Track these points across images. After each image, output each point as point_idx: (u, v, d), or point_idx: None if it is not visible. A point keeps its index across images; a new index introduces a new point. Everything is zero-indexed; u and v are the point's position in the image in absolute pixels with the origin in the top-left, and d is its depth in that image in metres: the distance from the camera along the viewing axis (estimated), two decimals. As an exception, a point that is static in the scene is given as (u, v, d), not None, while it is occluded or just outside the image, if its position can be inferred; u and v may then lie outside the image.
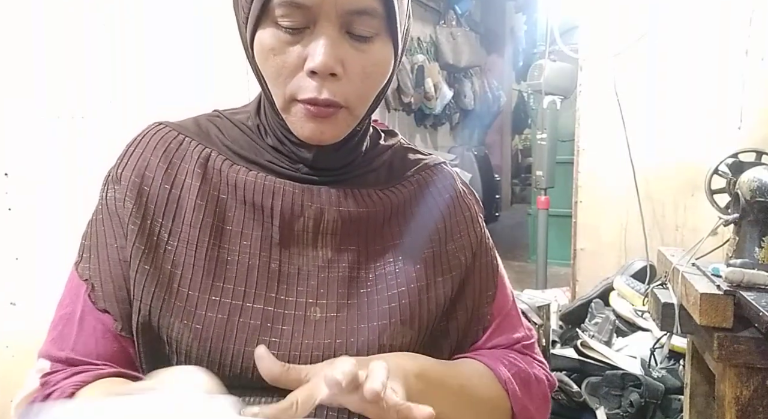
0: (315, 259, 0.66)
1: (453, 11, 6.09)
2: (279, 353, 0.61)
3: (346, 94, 0.61)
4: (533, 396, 0.70)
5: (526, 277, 4.48)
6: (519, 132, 8.41)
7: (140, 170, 0.66)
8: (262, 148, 0.68)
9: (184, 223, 0.65)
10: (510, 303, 0.75)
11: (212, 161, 0.67)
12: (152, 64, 2.13)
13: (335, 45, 0.59)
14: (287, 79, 0.61)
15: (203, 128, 0.70)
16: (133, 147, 0.68)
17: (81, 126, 2.05)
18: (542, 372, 0.73)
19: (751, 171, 1.36)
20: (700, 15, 2.58)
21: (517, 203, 8.10)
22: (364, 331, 0.64)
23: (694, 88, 2.60)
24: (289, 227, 0.65)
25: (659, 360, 2.07)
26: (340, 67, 0.60)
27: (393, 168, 0.73)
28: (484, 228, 0.77)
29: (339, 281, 0.65)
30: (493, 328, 0.73)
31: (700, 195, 1.74)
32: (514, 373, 0.69)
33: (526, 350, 0.75)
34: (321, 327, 0.63)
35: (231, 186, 0.66)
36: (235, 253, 0.64)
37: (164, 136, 0.68)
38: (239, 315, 0.62)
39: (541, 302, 1.83)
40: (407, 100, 5.20)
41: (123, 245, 0.64)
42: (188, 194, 0.65)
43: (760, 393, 1.23)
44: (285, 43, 0.60)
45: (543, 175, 3.55)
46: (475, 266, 0.73)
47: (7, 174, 1.84)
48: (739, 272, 1.25)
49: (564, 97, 3.50)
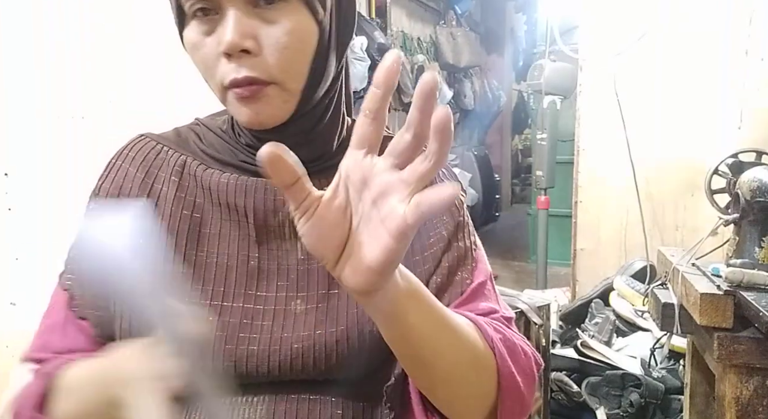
0: (294, 253, 0.65)
1: (453, 11, 6.10)
2: (258, 348, 0.61)
3: (266, 68, 0.59)
4: (520, 367, 0.63)
5: (526, 277, 4.48)
6: (519, 132, 8.41)
7: (119, 182, 0.68)
8: (236, 149, 0.68)
9: (161, 230, 0.65)
10: (488, 277, 0.72)
11: (188, 167, 0.68)
12: (152, 64, 2.13)
13: (242, 21, 0.58)
14: (213, 70, 0.61)
15: (183, 136, 0.71)
16: (114, 160, 0.70)
17: (81, 126, 2.05)
18: (529, 348, 0.68)
19: (751, 171, 1.36)
20: (700, 15, 2.58)
21: (517, 203, 8.10)
22: (343, 320, 0.63)
23: (694, 88, 2.60)
24: (264, 223, 0.65)
25: (659, 360, 2.07)
26: (251, 42, 0.58)
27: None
28: (464, 211, 0.74)
29: (319, 273, 0.65)
30: (470, 293, 0.69)
31: (700, 195, 1.74)
32: (501, 338, 0.63)
33: (507, 323, 0.69)
34: (301, 319, 0.63)
35: (206, 190, 0.66)
36: (213, 255, 0.65)
37: (143, 147, 0.70)
38: (218, 314, 0.62)
39: (541, 302, 1.83)
40: (407, 101, 5.20)
41: None
42: (164, 202, 0.67)
43: (760, 393, 1.23)
44: (203, 35, 0.60)
45: (543, 175, 3.56)
46: (454, 240, 0.71)
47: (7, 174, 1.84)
48: (739, 272, 1.25)
49: (564, 97, 3.51)
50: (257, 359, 0.61)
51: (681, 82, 2.63)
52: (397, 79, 0.42)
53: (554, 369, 2.04)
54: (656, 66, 2.68)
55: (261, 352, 0.61)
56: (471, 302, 0.69)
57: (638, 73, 2.70)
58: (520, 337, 0.69)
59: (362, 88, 4.25)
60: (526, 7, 6.25)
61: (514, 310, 1.74)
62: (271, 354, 0.61)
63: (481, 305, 0.69)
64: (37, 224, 1.75)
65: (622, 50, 2.69)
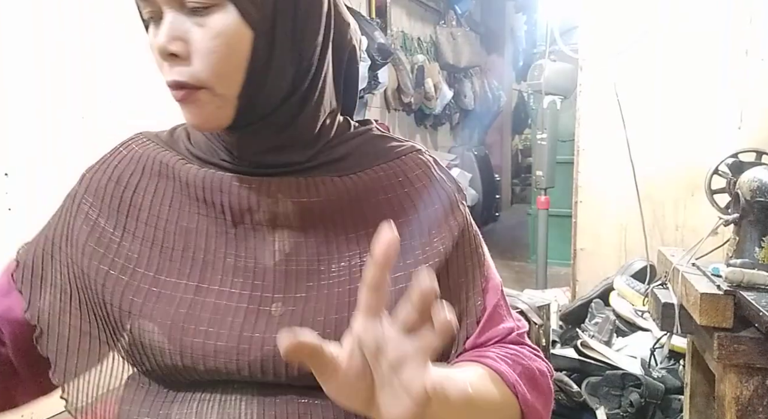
0: (272, 253, 0.64)
1: (453, 11, 6.10)
2: (227, 345, 0.61)
3: (194, 73, 0.59)
4: (540, 393, 0.68)
5: (526, 277, 4.48)
6: (519, 132, 8.41)
7: (102, 172, 0.70)
8: (218, 148, 0.67)
9: (139, 221, 0.66)
10: (499, 293, 0.73)
11: (169, 162, 0.68)
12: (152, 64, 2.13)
13: (174, 25, 0.58)
14: (162, 71, 0.62)
15: (175, 136, 0.72)
16: (108, 154, 0.72)
17: (81, 126, 2.05)
18: (542, 363, 0.71)
19: (751, 171, 1.36)
20: (700, 15, 2.58)
21: (517, 203, 8.11)
22: (320, 325, 0.61)
23: (694, 88, 2.60)
24: (242, 221, 0.65)
25: (659, 360, 2.07)
26: (179, 45, 0.59)
27: (363, 156, 0.70)
28: (466, 216, 0.72)
29: (297, 275, 0.64)
30: (486, 319, 0.70)
31: (700, 195, 1.74)
32: (520, 373, 0.66)
33: (520, 339, 0.72)
34: (275, 321, 0.62)
35: (183, 184, 0.66)
36: (190, 249, 0.65)
37: (135, 144, 0.71)
38: (188, 308, 0.62)
39: (541, 303, 1.83)
40: (407, 100, 5.20)
41: (64, 236, 0.68)
42: (142, 193, 0.67)
43: (760, 393, 1.23)
44: (154, 37, 0.61)
45: (543, 175, 3.56)
46: (458, 256, 0.70)
47: (7, 174, 1.84)
48: (739, 272, 1.25)
49: (564, 97, 3.51)
50: (225, 356, 0.61)
51: (681, 82, 2.63)
52: (395, 255, 0.45)
53: (554, 369, 2.04)
54: (656, 66, 2.68)
55: (229, 349, 0.61)
56: (489, 329, 0.70)
57: (638, 73, 2.70)
58: (532, 352, 0.72)
59: (362, 88, 4.27)
60: (526, 7, 6.26)
61: (515, 310, 1.74)
62: (240, 352, 0.60)
63: (499, 328, 0.71)
64: (37, 224, 1.75)
65: (622, 50, 2.69)
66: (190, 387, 0.64)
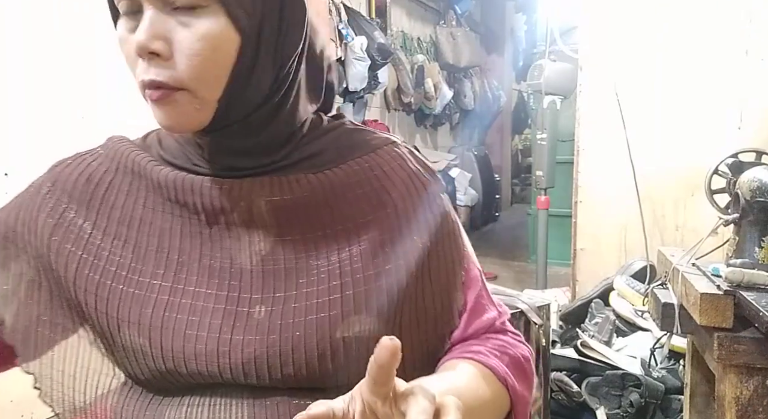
0: (249, 254, 0.63)
1: (453, 11, 6.11)
2: (206, 348, 0.60)
3: (174, 74, 0.57)
4: (525, 379, 0.69)
5: (526, 277, 4.48)
6: (519, 132, 8.41)
7: (73, 168, 0.69)
8: (190, 153, 0.66)
9: (111, 219, 0.65)
10: (480, 283, 0.72)
11: (141, 162, 0.67)
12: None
13: (157, 23, 0.56)
14: (134, 68, 0.59)
15: (148, 141, 0.71)
16: (84, 151, 0.71)
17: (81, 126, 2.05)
18: (525, 348, 0.72)
19: (751, 171, 1.36)
20: (700, 15, 2.58)
21: (517, 203, 8.10)
22: (300, 325, 0.60)
23: (694, 88, 2.60)
24: (216, 222, 0.64)
25: (659, 360, 2.07)
26: (162, 45, 0.56)
27: (337, 151, 0.68)
28: (445, 207, 0.71)
29: (275, 275, 0.62)
30: (471, 312, 0.70)
31: (700, 195, 1.74)
32: (508, 363, 0.67)
33: (503, 327, 0.73)
34: (254, 323, 0.61)
35: (155, 185, 0.65)
36: (164, 250, 0.63)
37: (111, 143, 0.71)
38: (164, 309, 0.61)
39: (541, 303, 1.83)
40: (407, 100, 5.20)
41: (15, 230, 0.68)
42: (116, 191, 0.66)
43: (760, 393, 1.23)
44: (128, 31, 0.59)
45: (543, 175, 3.56)
46: (438, 249, 0.69)
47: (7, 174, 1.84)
48: (739, 272, 1.25)
49: (564, 97, 3.51)
50: (206, 358, 0.60)
51: (681, 82, 2.63)
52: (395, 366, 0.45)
53: (554, 369, 2.04)
54: (656, 66, 2.68)
55: (209, 352, 0.60)
56: (474, 321, 0.71)
57: (638, 73, 2.70)
58: (515, 338, 0.73)
59: (362, 88, 4.26)
60: (526, 7, 6.26)
61: (515, 310, 1.74)
62: (221, 355, 0.59)
63: (484, 319, 0.71)
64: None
65: (622, 50, 2.69)
66: (180, 391, 0.63)
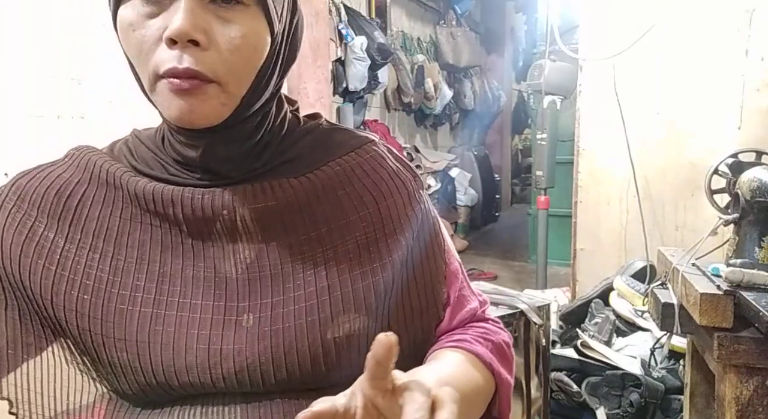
0: (234, 262, 0.62)
1: (453, 11, 6.10)
2: (197, 360, 0.59)
3: (212, 65, 0.56)
4: (507, 364, 0.72)
5: (526, 277, 4.48)
6: (519, 132, 8.41)
7: (39, 180, 0.66)
8: (167, 163, 0.65)
9: (85, 232, 0.63)
10: (461, 276, 0.74)
11: (116, 173, 0.64)
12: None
13: (197, 12, 0.55)
14: (149, 55, 0.57)
15: (116, 152, 0.69)
16: (47, 163, 0.69)
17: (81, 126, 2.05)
18: (505, 334, 0.75)
19: (751, 171, 1.36)
20: (700, 15, 2.58)
21: (517, 203, 8.10)
22: (290, 330, 0.60)
23: (693, 88, 2.60)
24: (199, 232, 0.63)
25: (659, 360, 2.07)
26: (202, 35, 0.55)
27: (316, 154, 0.68)
28: (424, 203, 0.72)
29: (262, 282, 0.62)
30: (454, 305, 0.72)
31: (700, 195, 1.74)
32: (492, 349, 0.70)
33: (484, 315, 0.76)
34: (243, 331, 0.60)
35: (133, 196, 0.63)
36: (144, 262, 0.62)
37: (79, 152, 0.68)
38: (150, 322, 0.60)
39: (541, 303, 1.83)
40: (407, 100, 5.20)
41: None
42: (90, 203, 0.64)
43: (760, 393, 1.23)
44: (145, 17, 0.56)
45: (543, 175, 3.55)
46: (419, 246, 0.69)
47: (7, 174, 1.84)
48: (739, 272, 1.25)
49: (564, 97, 3.50)
50: (198, 370, 0.59)
51: (681, 82, 2.63)
52: (393, 361, 0.47)
53: (554, 369, 2.04)
54: (656, 66, 2.68)
55: (201, 364, 0.59)
56: (458, 313, 0.73)
57: (638, 73, 2.70)
58: (496, 326, 0.76)
59: (362, 88, 4.26)
60: (526, 7, 6.26)
61: (515, 310, 1.74)
62: (213, 366, 0.59)
63: (466, 310, 0.73)
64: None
65: (622, 50, 2.69)
66: (170, 401, 0.62)
